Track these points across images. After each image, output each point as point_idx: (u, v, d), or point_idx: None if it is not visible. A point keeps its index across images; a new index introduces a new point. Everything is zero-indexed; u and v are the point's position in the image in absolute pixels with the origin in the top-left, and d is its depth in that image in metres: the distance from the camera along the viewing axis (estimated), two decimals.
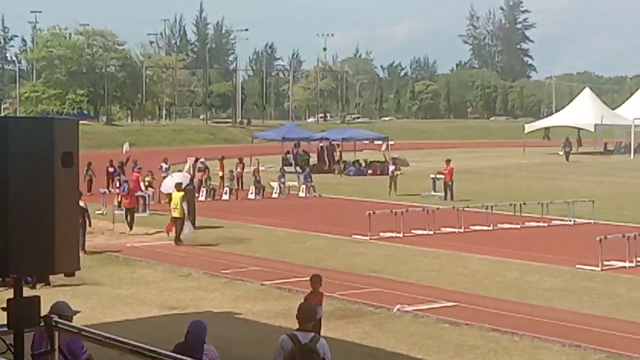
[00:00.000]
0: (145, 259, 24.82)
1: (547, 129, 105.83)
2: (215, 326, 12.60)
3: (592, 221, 31.91)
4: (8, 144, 6.43)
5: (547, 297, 19.93)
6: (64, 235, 6.51)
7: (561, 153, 75.26)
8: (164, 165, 42.85)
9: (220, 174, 44.08)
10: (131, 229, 29.98)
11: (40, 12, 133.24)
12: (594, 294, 20.35)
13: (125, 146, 50.24)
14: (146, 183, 37.41)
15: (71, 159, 6.54)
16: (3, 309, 6.84)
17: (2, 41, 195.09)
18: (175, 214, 27.82)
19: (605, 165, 65.08)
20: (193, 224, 28.83)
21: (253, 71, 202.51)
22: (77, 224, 6.93)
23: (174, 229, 27.94)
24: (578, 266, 23.36)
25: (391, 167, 44.98)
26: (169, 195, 32.40)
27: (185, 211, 27.88)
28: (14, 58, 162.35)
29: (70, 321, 8.00)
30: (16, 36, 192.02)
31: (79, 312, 10.12)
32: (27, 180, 6.41)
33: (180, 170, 40.23)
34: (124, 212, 31.07)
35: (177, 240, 27.58)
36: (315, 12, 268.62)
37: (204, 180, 41.46)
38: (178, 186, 28.88)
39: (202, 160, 44.08)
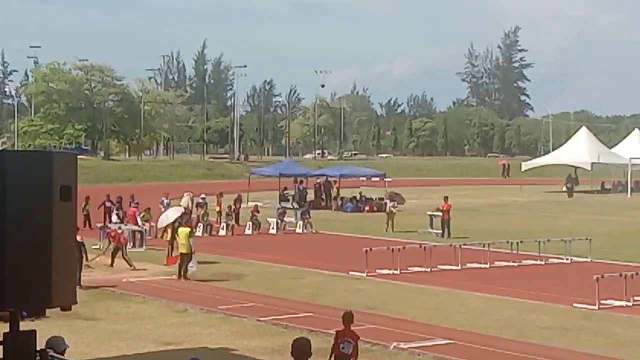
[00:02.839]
0: (141, 294, 24.73)
1: (504, 166, 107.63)
2: None
3: (589, 259, 31.85)
4: (6, 177, 6.43)
5: (545, 335, 19.86)
6: (62, 269, 6.49)
7: (564, 189, 75.76)
8: (165, 200, 42.85)
9: (218, 209, 44.05)
10: (112, 265, 29.71)
11: (39, 47, 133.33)
12: (591, 332, 20.28)
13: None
14: (143, 218, 37.37)
15: (69, 193, 6.54)
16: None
17: (2, 75, 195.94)
18: (183, 249, 27.72)
19: (602, 204, 65.07)
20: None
21: (251, 107, 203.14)
22: (74, 258, 6.92)
23: (177, 262, 27.87)
24: (575, 305, 23.29)
25: (389, 204, 45.01)
26: (165, 230, 32.39)
27: (192, 247, 27.76)
28: (13, 92, 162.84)
29: (63, 355, 7.96)
30: (16, 71, 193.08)
31: (68, 347, 10.03)
32: (25, 213, 6.40)
33: (179, 205, 40.19)
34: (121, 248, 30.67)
35: (181, 275, 27.44)
36: (314, 49, 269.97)
37: (201, 216, 41.42)
38: (185, 222, 28.86)
39: (203, 195, 44.11)
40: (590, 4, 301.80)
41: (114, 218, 38.74)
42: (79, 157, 7.51)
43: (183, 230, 28.13)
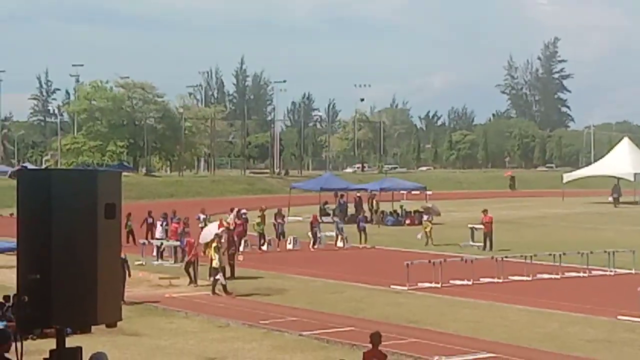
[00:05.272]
0: (183, 310, 24.90)
1: (512, 177, 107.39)
2: None
3: (633, 271, 31.56)
4: (51, 196, 6.55)
5: (589, 348, 19.70)
6: (107, 286, 6.60)
7: (610, 199, 75.33)
8: (202, 216, 42.99)
9: (255, 223, 44.10)
10: (193, 281, 29.84)
11: (82, 65, 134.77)
12: (636, 345, 20.10)
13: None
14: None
15: (114, 211, 6.65)
16: (46, 359, 6.91)
17: (45, 94, 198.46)
18: (212, 263, 27.95)
19: None
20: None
21: (291, 122, 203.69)
22: (119, 276, 7.03)
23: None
24: (619, 317, 23.08)
25: (424, 217, 45.04)
26: (206, 246, 32.56)
27: (217, 262, 27.87)
28: (56, 111, 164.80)
29: None
30: (58, 89, 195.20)
31: None
32: (70, 231, 6.52)
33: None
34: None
35: (213, 290, 27.64)
36: (352, 63, 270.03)
37: (256, 228, 41.74)
38: (217, 236, 29.07)
39: (244, 211, 44.26)
40: (628, 14, 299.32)
41: (159, 233, 39.00)
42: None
43: (213, 246, 28.46)
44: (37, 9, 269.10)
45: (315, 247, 42.15)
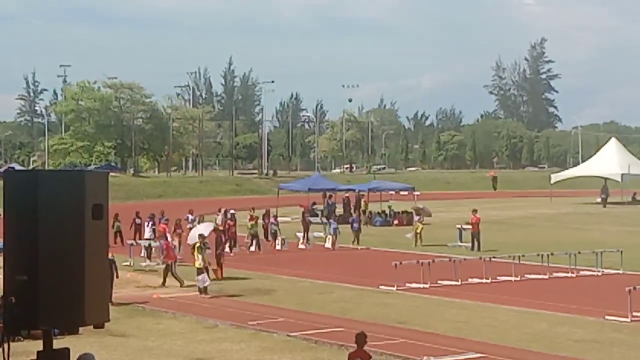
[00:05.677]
0: (171, 311, 24.84)
1: (494, 177, 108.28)
2: None
3: (620, 271, 31.64)
4: (38, 196, 6.52)
5: (577, 348, 19.73)
6: (94, 287, 6.57)
7: (599, 200, 75.65)
8: (190, 217, 42.92)
9: (249, 225, 44.06)
10: (164, 283, 29.78)
11: (69, 66, 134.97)
12: (624, 345, 20.13)
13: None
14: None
15: (101, 212, 6.62)
16: None
17: (33, 94, 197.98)
18: (196, 263, 27.94)
19: (633, 216, 64.55)
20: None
21: (279, 122, 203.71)
22: (107, 276, 7.00)
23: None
24: (607, 317, 23.13)
25: (415, 218, 45.04)
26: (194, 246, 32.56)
27: (201, 262, 27.84)
28: (43, 111, 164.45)
29: None
30: (46, 90, 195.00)
31: None
32: (57, 232, 6.49)
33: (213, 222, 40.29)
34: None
35: (201, 290, 27.60)
36: (341, 63, 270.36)
37: (250, 229, 41.72)
38: (200, 237, 29.08)
39: (232, 211, 44.23)
40: (617, 14, 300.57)
41: (148, 234, 38.91)
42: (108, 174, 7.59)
43: (195, 246, 28.51)
44: (25, 9, 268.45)
45: (304, 245, 42.14)
